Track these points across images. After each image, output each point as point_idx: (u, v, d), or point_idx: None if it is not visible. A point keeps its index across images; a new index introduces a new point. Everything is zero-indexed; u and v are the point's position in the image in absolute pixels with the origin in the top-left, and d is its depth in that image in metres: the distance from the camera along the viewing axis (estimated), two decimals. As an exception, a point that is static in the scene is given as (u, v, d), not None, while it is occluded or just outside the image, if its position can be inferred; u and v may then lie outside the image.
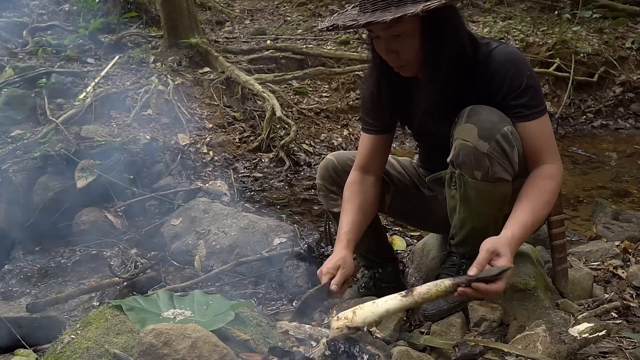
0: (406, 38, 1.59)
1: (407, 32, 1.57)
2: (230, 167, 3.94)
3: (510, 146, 1.59)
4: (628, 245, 2.42)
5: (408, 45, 1.60)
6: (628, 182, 3.95)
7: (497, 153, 1.59)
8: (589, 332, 1.57)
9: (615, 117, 5.60)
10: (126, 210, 3.28)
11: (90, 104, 4.02)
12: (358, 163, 1.92)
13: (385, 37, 1.61)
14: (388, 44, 1.61)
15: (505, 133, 1.58)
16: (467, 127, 1.60)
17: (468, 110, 1.63)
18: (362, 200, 1.85)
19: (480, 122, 1.59)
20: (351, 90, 5.30)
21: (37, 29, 5.72)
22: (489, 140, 1.58)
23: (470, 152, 1.59)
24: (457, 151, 1.63)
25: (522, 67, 1.64)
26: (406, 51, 1.61)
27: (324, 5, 7.44)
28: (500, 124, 1.59)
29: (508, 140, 1.59)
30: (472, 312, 1.80)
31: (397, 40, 1.59)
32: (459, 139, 1.61)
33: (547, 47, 5.79)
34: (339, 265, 1.74)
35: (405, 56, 1.63)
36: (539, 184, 1.62)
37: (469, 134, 1.59)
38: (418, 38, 1.60)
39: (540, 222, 1.69)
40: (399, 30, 1.56)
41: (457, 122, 1.65)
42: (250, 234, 2.77)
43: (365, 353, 1.50)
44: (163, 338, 1.40)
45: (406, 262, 2.39)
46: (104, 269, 2.81)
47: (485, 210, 1.70)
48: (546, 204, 1.62)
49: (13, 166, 3.40)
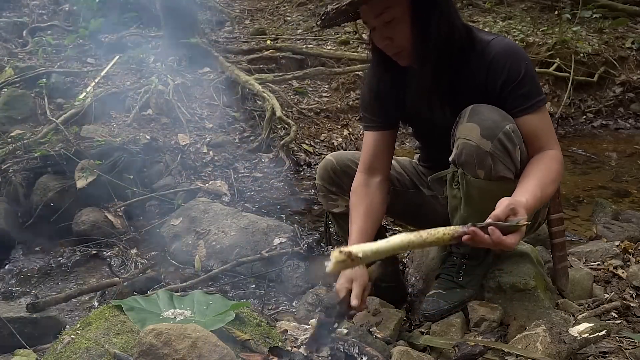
0: (397, 23, 1.62)
1: (398, 17, 1.62)
2: (230, 167, 3.94)
3: (512, 144, 1.59)
4: (628, 245, 2.42)
5: (400, 30, 1.63)
6: (628, 182, 3.95)
7: (500, 152, 1.59)
8: (589, 332, 1.57)
9: (615, 117, 5.59)
10: (126, 210, 3.28)
11: (90, 104, 4.01)
12: (363, 164, 1.90)
13: (378, 25, 1.65)
14: (381, 32, 1.65)
15: (507, 131, 1.59)
16: (469, 126, 1.60)
17: (470, 109, 1.63)
18: (367, 205, 1.83)
19: (483, 121, 1.59)
20: (351, 90, 5.30)
21: (37, 29, 5.72)
22: (492, 138, 1.58)
23: (473, 151, 1.59)
24: (459, 150, 1.63)
25: (520, 58, 1.65)
26: (399, 36, 1.64)
27: (324, 5, 7.43)
28: (503, 122, 1.60)
29: (510, 139, 1.59)
30: (472, 312, 1.80)
31: (389, 27, 1.63)
32: (461, 138, 1.61)
33: (547, 47, 5.78)
34: (352, 279, 1.73)
35: (399, 42, 1.65)
36: (545, 162, 1.61)
37: (471, 133, 1.59)
38: (408, 23, 1.63)
39: (545, 200, 1.64)
40: (390, 16, 1.61)
41: (459, 121, 1.65)
42: (250, 234, 2.77)
43: (365, 354, 1.50)
44: (163, 338, 1.40)
45: (406, 262, 2.39)
46: (104, 269, 2.81)
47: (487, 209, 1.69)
48: (552, 182, 1.60)
49: (13, 166, 3.40)
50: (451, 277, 1.86)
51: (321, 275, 1.76)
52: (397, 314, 1.87)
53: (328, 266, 1.32)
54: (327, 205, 2.06)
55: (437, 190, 1.96)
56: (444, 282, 1.87)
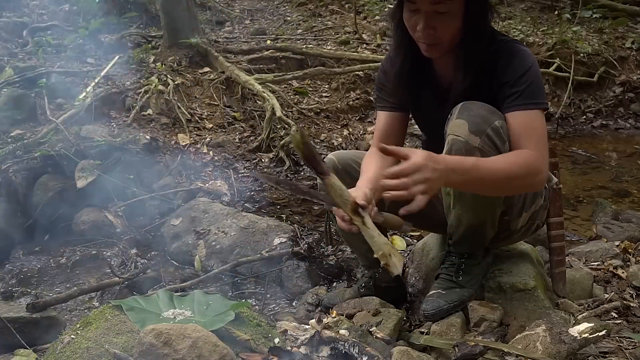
0: (449, 17, 1.60)
1: (452, 11, 1.59)
2: (230, 167, 3.94)
3: (501, 140, 1.60)
4: (628, 245, 2.42)
5: (449, 24, 1.61)
6: (628, 182, 3.95)
7: (489, 147, 1.59)
8: (589, 332, 1.57)
9: (615, 117, 5.60)
10: (126, 210, 3.28)
11: (90, 104, 4.01)
12: (375, 142, 1.91)
13: (428, 11, 1.60)
14: (429, 19, 1.61)
15: (496, 127, 1.59)
16: (458, 122, 1.61)
17: (460, 106, 1.65)
18: (380, 165, 1.75)
19: (471, 117, 1.60)
20: (351, 90, 5.30)
21: (37, 29, 5.72)
22: (480, 134, 1.58)
23: (462, 146, 1.60)
24: (449, 146, 1.63)
25: (525, 60, 1.65)
26: (445, 30, 1.62)
27: (324, 5, 7.44)
28: (491, 118, 1.60)
29: (499, 134, 1.59)
30: (472, 312, 1.80)
31: (440, 18, 1.60)
32: (451, 134, 1.62)
33: (547, 47, 5.78)
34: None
35: (442, 35, 1.63)
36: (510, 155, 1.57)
37: (460, 129, 1.60)
38: (460, 19, 1.61)
39: (482, 180, 1.52)
40: (445, 8, 1.57)
41: (450, 118, 1.66)
42: (250, 234, 2.77)
43: (365, 354, 1.50)
44: (163, 338, 1.40)
45: (406, 262, 2.39)
46: (104, 269, 2.81)
47: (480, 206, 1.70)
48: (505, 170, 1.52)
49: (13, 166, 3.40)
50: (451, 277, 1.86)
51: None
52: (397, 314, 1.87)
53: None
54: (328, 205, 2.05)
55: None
56: (444, 282, 1.87)
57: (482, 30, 1.65)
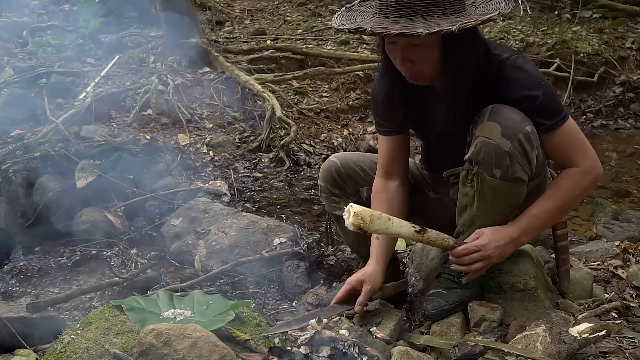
0: (425, 48, 1.58)
1: (428, 43, 1.56)
2: (230, 167, 3.94)
3: (531, 146, 1.61)
4: (628, 245, 2.42)
5: (425, 55, 1.59)
6: (628, 182, 3.95)
7: (518, 152, 1.60)
8: (589, 332, 1.57)
9: (615, 117, 5.59)
10: (126, 210, 3.28)
11: (90, 104, 4.01)
12: (380, 168, 1.92)
13: (403, 44, 1.59)
14: (405, 52, 1.60)
15: (527, 133, 1.60)
16: (489, 124, 1.61)
17: (490, 108, 1.64)
18: (387, 209, 1.82)
19: (503, 121, 1.60)
20: (351, 90, 5.30)
21: (37, 29, 5.70)
22: (512, 139, 1.59)
23: (492, 149, 1.60)
24: (477, 148, 1.63)
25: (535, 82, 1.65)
26: (423, 61, 1.61)
27: (324, 5, 7.44)
28: (523, 123, 1.61)
29: (529, 140, 1.60)
30: (472, 312, 1.80)
31: (415, 50, 1.58)
32: (482, 136, 1.62)
33: (547, 47, 5.78)
34: (363, 281, 1.77)
35: (421, 67, 1.63)
36: (557, 185, 1.72)
37: (492, 132, 1.60)
38: (438, 50, 1.59)
39: (551, 220, 1.80)
40: (419, 40, 1.53)
41: (478, 120, 1.65)
42: (250, 234, 2.77)
43: (365, 354, 1.50)
44: (163, 338, 1.40)
45: (406, 262, 2.39)
46: (104, 269, 2.81)
47: (498, 209, 1.71)
48: (560, 202, 1.72)
49: (13, 166, 3.40)
50: (451, 277, 1.86)
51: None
52: (397, 314, 1.87)
53: (347, 221, 1.52)
54: (330, 207, 2.06)
55: (442, 193, 1.96)
56: (444, 282, 1.87)
57: (465, 58, 1.62)
